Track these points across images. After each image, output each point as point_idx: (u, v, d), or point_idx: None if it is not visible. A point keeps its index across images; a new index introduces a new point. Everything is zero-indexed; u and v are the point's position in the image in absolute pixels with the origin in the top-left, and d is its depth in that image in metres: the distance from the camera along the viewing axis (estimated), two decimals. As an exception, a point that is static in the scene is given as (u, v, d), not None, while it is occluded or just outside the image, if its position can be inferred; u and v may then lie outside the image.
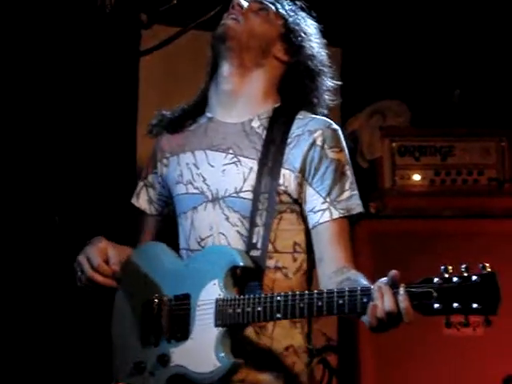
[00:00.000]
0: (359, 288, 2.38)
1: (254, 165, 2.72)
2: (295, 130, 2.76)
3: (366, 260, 4.24)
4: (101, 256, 2.72)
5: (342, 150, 2.75)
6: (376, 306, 2.31)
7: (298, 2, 2.92)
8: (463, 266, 2.26)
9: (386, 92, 4.91)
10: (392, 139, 4.69)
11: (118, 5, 2.50)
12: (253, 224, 2.66)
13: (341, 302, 2.37)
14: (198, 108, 2.92)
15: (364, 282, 2.50)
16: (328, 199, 2.69)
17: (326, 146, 2.72)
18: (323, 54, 2.89)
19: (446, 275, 2.26)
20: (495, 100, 4.77)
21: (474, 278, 2.22)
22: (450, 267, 2.27)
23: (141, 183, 3.00)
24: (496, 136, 4.65)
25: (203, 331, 2.58)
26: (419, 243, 4.37)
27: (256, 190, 2.68)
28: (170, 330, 2.65)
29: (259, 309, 2.49)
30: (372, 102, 4.88)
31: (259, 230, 2.65)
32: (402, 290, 2.29)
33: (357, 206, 2.73)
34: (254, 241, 2.64)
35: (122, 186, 3.85)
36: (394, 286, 2.31)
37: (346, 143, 2.79)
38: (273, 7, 2.87)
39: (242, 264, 2.59)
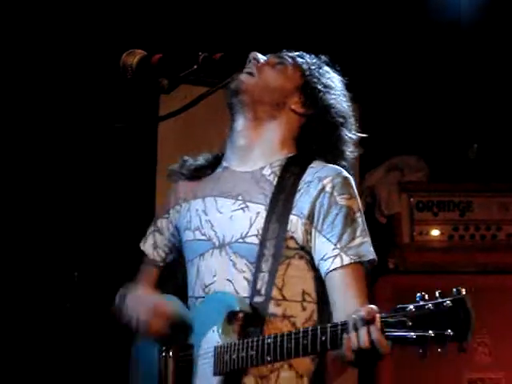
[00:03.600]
0: (340, 323, 2.31)
1: (262, 210, 2.69)
2: (306, 177, 2.72)
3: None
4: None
5: (352, 197, 2.69)
6: (350, 339, 2.26)
7: (322, 56, 2.90)
8: (438, 291, 2.12)
9: (403, 148, 4.94)
10: (410, 194, 4.70)
11: (139, 70, 2.52)
12: (258, 269, 2.62)
13: (323, 338, 2.31)
14: (220, 159, 2.91)
15: None
16: (338, 245, 2.62)
17: (335, 193, 2.66)
18: (344, 106, 2.84)
19: (422, 302, 2.13)
20: (513, 155, 4.79)
21: (447, 302, 2.09)
22: (427, 295, 2.13)
23: (151, 228, 2.97)
24: (514, 191, 4.65)
25: (205, 381, 2.55)
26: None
27: (263, 236, 2.65)
28: (175, 382, 2.63)
29: (252, 353, 2.45)
30: (390, 157, 4.91)
31: (264, 276, 2.61)
32: (377, 321, 2.21)
33: (368, 253, 2.64)
34: (259, 287, 2.60)
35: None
36: (370, 318, 2.22)
37: (364, 198, 2.76)
38: (291, 61, 2.85)
39: (237, 309, 2.54)
